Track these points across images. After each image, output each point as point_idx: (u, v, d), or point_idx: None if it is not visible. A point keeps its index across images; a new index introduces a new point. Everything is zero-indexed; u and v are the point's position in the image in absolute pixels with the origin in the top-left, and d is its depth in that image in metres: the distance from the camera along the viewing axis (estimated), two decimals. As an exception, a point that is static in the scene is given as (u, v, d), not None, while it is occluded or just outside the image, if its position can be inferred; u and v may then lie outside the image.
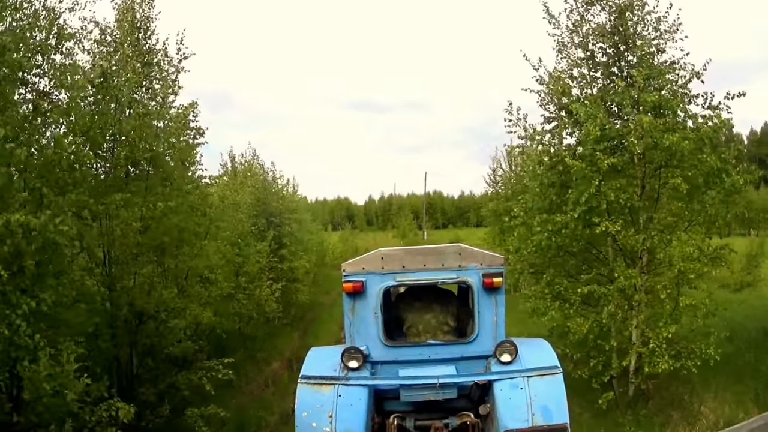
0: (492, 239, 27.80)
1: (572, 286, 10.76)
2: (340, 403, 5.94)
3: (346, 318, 6.62)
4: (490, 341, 6.39)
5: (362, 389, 6.09)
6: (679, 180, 10.02)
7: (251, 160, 23.42)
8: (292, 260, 20.78)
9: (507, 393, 5.97)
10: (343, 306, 6.68)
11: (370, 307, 6.47)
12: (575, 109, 10.52)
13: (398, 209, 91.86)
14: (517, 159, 27.46)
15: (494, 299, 6.43)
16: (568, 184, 10.93)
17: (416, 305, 7.03)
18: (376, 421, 6.26)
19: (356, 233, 69.83)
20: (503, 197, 26.95)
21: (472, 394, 6.36)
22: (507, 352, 6.19)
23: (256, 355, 16.86)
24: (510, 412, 5.83)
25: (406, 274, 6.50)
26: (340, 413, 5.87)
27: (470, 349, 6.51)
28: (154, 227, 10.77)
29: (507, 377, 6.06)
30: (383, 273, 6.47)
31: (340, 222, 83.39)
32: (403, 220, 73.80)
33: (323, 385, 6.08)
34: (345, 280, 6.49)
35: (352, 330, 6.57)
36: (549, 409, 5.84)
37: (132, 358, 10.92)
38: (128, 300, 9.67)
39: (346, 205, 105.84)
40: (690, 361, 10.38)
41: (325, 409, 5.91)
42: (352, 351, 6.29)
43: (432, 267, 6.48)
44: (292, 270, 20.85)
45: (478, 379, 6.19)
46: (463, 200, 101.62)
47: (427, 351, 6.57)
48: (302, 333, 21.15)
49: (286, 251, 20.53)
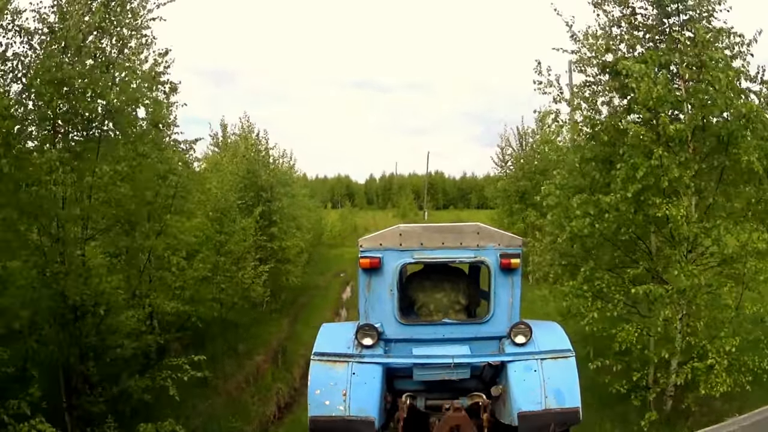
0: (500, 220, 25.80)
1: (615, 282, 8.74)
2: (354, 381, 5.85)
3: (362, 294, 6.49)
4: (505, 322, 6.35)
5: (376, 367, 6.01)
6: (755, 157, 7.97)
7: (245, 127, 21.18)
8: (283, 239, 18.71)
9: (521, 375, 5.94)
10: (359, 282, 6.57)
11: (386, 283, 6.36)
12: (626, 67, 8.40)
13: (399, 189, 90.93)
14: (528, 138, 25.44)
15: (511, 280, 6.39)
16: (611, 158, 8.87)
17: (426, 284, 6.91)
18: (387, 399, 6.18)
19: (356, 212, 68.42)
20: (513, 177, 24.90)
21: (484, 375, 6.29)
22: (522, 334, 6.18)
23: (238, 347, 14.92)
24: (524, 394, 5.81)
25: (424, 251, 6.38)
26: (354, 391, 5.79)
27: (484, 330, 6.44)
28: (101, 197, 8.74)
29: (521, 359, 6.04)
30: (401, 250, 6.36)
31: (339, 200, 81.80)
32: (403, 200, 72.77)
33: (337, 363, 5.98)
34: (362, 255, 6.34)
35: (367, 306, 6.44)
36: (562, 393, 5.81)
37: (79, 361, 8.94)
38: (59, 289, 7.60)
39: (346, 183, 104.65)
40: (743, 377, 8.48)
41: (338, 387, 5.82)
42: (366, 328, 6.22)
43: (450, 245, 6.37)
44: (283, 250, 18.82)
45: (492, 360, 6.14)
46: (465, 181, 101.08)
47: (441, 330, 6.50)
48: (292, 319, 19.21)
49: (277, 229, 18.45)
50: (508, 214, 25.02)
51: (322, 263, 35.09)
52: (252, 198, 18.57)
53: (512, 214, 24.73)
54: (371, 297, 6.43)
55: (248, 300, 17.03)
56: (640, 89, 7.99)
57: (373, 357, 6.11)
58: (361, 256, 6.37)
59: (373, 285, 6.41)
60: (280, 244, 18.37)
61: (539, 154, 24.68)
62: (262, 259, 18.52)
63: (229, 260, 15.47)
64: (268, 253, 18.50)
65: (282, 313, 19.29)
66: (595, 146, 8.80)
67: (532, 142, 25.44)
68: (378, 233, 6.67)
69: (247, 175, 18.85)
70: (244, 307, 17.00)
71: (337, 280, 29.77)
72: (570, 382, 5.88)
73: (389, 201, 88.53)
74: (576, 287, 8.56)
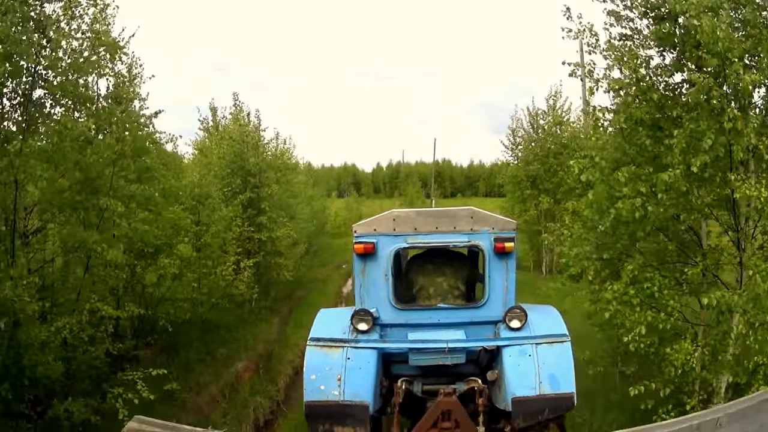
0: (511, 208, 23.80)
1: (667, 284, 6.79)
2: (349, 366, 5.84)
3: (357, 280, 6.50)
4: (500, 306, 6.32)
5: (371, 352, 6.00)
6: None
7: (237, 107, 19.22)
8: (273, 229, 16.83)
9: (515, 360, 5.87)
10: (354, 268, 6.56)
11: (381, 269, 6.37)
12: (680, 6, 6.43)
13: (406, 177, 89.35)
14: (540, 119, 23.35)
15: (505, 264, 6.34)
16: (659, 123, 6.90)
17: (428, 268, 6.83)
18: (384, 384, 6.16)
19: (362, 200, 66.72)
20: (524, 161, 22.86)
21: (480, 360, 6.24)
22: (516, 318, 6.13)
23: (217, 352, 13.14)
24: (518, 379, 5.75)
25: (418, 236, 6.39)
26: (349, 376, 5.78)
27: (480, 314, 6.42)
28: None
29: (516, 343, 5.97)
30: (395, 235, 6.36)
31: (346, 189, 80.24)
32: (410, 188, 71.15)
33: (332, 348, 5.97)
34: (356, 241, 6.35)
35: (362, 292, 6.45)
36: (556, 378, 5.72)
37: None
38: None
39: (352, 172, 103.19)
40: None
41: (333, 371, 5.80)
42: (361, 313, 6.21)
43: (444, 230, 6.37)
44: (273, 241, 16.95)
45: (487, 345, 6.10)
46: (473, 169, 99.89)
47: (437, 315, 6.49)
48: (284, 318, 17.40)
49: (266, 218, 16.56)
50: (520, 201, 23.04)
51: (324, 254, 33.26)
52: (239, 185, 16.72)
53: (524, 201, 22.76)
54: (366, 282, 6.41)
55: (232, 298, 15.28)
56: (702, 28, 6.00)
57: (368, 342, 6.06)
58: (355, 241, 6.35)
59: (368, 270, 6.38)
60: (269, 234, 16.47)
61: (551, 136, 22.68)
62: (251, 252, 16.74)
63: (207, 254, 13.71)
64: (256, 246, 16.67)
65: (273, 311, 17.48)
66: (644, 106, 6.78)
67: (544, 124, 23.38)
68: (372, 219, 6.59)
69: (234, 159, 16.96)
70: (228, 305, 15.23)
71: (338, 272, 27.87)
72: (565, 367, 5.78)
73: (396, 189, 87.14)
74: (620, 292, 6.59)
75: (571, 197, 21.20)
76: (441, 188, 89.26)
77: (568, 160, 21.27)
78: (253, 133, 18.32)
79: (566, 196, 22.34)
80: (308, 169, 60.69)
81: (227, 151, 17.04)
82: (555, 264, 22.31)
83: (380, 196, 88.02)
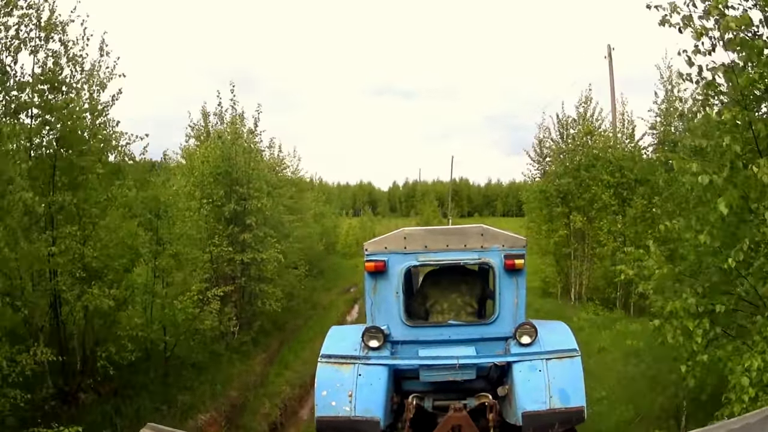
0: (537, 228, 20.96)
1: None
2: (360, 383, 5.91)
3: (368, 297, 6.50)
4: (510, 323, 6.33)
5: (382, 369, 6.05)
6: None
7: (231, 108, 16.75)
8: (259, 250, 14.35)
9: (526, 375, 5.92)
10: (365, 285, 6.58)
11: (392, 286, 6.38)
12: None
13: (422, 195, 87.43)
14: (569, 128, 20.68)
15: (516, 281, 6.37)
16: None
17: (443, 284, 6.87)
18: (395, 401, 6.20)
19: (378, 219, 64.60)
20: (553, 174, 20.12)
21: (490, 376, 6.29)
22: (527, 334, 6.13)
23: (177, 400, 10.61)
24: (528, 394, 5.80)
25: (428, 254, 6.40)
26: (360, 392, 5.86)
27: (490, 331, 6.43)
28: None
29: (526, 359, 6.01)
30: (405, 253, 6.37)
31: (361, 207, 78.48)
32: (426, 207, 69.28)
33: (343, 364, 6.02)
34: (367, 259, 6.35)
35: (373, 309, 6.46)
36: (567, 392, 5.77)
37: None
38: None
39: (368, 191, 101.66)
40: None
41: (345, 388, 5.88)
42: (372, 330, 6.22)
43: (454, 247, 6.38)
44: (258, 264, 14.44)
45: (497, 361, 6.15)
46: (490, 188, 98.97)
47: (447, 331, 6.49)
48: (271, 355, 14.75)
49: (250, 236, 14.11)
50: (547, 220, 20.23)
51: (331, 276, 30.62)
52: (221, 197, 14.29)
53: (551, 220, 19.96)
54: (377, 300, 6.42)
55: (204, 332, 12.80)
56: None
57: (379, 359, 6.11)
58: (366, 259, 6.35)
59: (379, 288, 6.40)
60: (253, 256, 13.97)
61: (583, 147, 20.02)
62: (234, 277, 14.25)
63: (166, 279, 11.28)
64: (237, 269, 14.18)
65: (259, 345, 14.88)
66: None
67: (574, 133, 20.72)
68: (383, 237, 6.66)
69: (219, 164, 14.51)
70: (201, 339, 12.70)
71: (344, 298, 25.04)
72: (575, 381, 5.80)
73: (413, 208, 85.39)
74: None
75: (606, 215, 18.61)
76: (458, 207, 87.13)
77: (601, 173, 18.68)
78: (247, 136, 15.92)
79: (600, 213, 19.67)
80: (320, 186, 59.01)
81: (212, 154, 14.63)
82: (585, 289, 19.51)
83: (396, 215, 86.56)
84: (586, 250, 19.44)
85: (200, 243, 12.99)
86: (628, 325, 15.32)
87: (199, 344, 12.60)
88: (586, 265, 19.46)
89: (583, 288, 19.54)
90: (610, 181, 17.95)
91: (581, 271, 19.57)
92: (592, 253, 19.17)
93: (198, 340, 12.25)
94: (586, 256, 19.41)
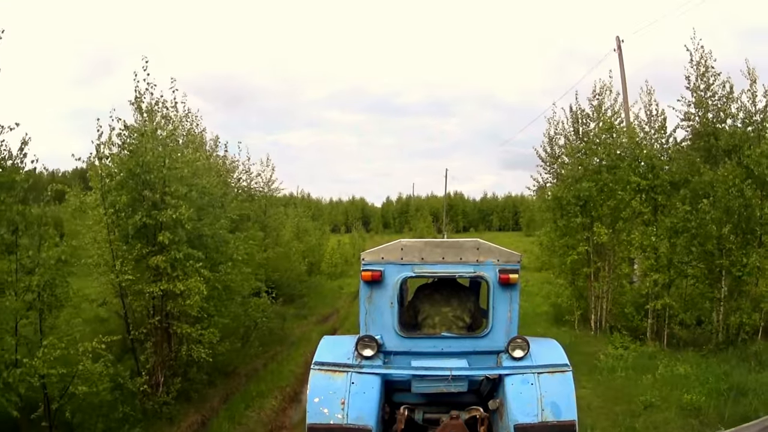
0: (551, 244, 17.32)
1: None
2: (353, 391, 5.91)
3: (362, 307, 6.53)
4: (503, 337, 6.38)
5: (375, 378, 6.05)
6: None
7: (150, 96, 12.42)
8: (178, 278, 10.53)
9: (518, 388, 5.96)
10: (360, 294, 6.63)
11: (387, 296, 6.41)
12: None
13: (416, 211, 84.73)
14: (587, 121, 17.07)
15: (509, 295, 6.43)
16: None
17: (436, 297, 6.87)
18: (386, 411, 6.23)
19: (370, 236, 61.19)
20: (570, 178, 16.40)
21: (482, 389, 6.32)
22: (519, 348, 6.19)
23: None
24: (520, 407, 5.82)
25: (424, 266, 6.45)
26: (353, 400, 5.86)
27: (483, 344, 6.48)
28: None
29: (518, 372, 6.05)
30: (402, 263, 6.41)
31: (353, 224, 75.44)
32: (420, 222, 66.48)
33: (336, 372, 6.03)
34: (364, 268, 6.39)
35: (367, 319, 6.46)
36: (558, 406, 5.80)
37: None
38: None
39: (361, 206, 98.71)
40: None
41: (337, 395, 5.88)
42: (366, 339, 6.22)
43: (450, 260, 6.42)
44: (176, 298, 10.58)
45: (489, 374, 6.17)
46: (486, 202, 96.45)
47: (440, 343, 6.51)
48: (205, 417, 11.01)
49: (163, 259, 10.46)
50: (561, 234, 16.56)
51: (311, 300, 26.76)
52: (125, 203, 10.11)
53: (567, 234, 16.31)
54: (372, 309, 6.43)
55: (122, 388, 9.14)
56: None
57: (372, 368, 6.09)
58: (363, 269, 6.37)
59: (374, 297, 6.41)
60: (167, 286, 10.19)
61: (602, 146, 16.36)
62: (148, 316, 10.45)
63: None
64: (150, 305, 10.42)
65: (192, 402, 11.15)
66: None
67: (590, 130, 17.10)
68: (380, 247, 6.60)
69: (125, 160, 10.49)
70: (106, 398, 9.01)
71: (321, 329, 20.43)
72: (567, 395, 5.83)
73: (407, 224, 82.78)
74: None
75: (635, 225, 14.99)
76: (453, 222, 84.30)
77: (629, 175, 15.13)
78: (175, 124, 12.15)
79: (627, 225, 15.99)
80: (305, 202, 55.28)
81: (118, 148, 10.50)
82: (608, 315, 15.87)
83: (389, 231, 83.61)
84: (609, 269, 15.86)
85: (101, 269, 9.37)
86: (672, 366, 11.89)
87: (109, 403, 8.93)
88: (610, 286, 15.87)
89: (604, 314, 15.97)
90: (641, 184, 14.38)
91: (602, 294, 15.98)
92: (618, 272, 15.61)
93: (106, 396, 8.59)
94: (610, 276, 15.83)
